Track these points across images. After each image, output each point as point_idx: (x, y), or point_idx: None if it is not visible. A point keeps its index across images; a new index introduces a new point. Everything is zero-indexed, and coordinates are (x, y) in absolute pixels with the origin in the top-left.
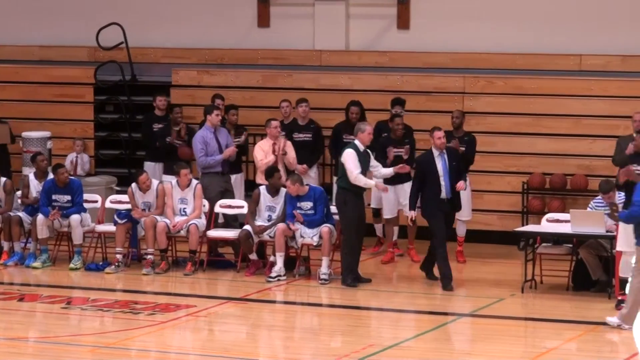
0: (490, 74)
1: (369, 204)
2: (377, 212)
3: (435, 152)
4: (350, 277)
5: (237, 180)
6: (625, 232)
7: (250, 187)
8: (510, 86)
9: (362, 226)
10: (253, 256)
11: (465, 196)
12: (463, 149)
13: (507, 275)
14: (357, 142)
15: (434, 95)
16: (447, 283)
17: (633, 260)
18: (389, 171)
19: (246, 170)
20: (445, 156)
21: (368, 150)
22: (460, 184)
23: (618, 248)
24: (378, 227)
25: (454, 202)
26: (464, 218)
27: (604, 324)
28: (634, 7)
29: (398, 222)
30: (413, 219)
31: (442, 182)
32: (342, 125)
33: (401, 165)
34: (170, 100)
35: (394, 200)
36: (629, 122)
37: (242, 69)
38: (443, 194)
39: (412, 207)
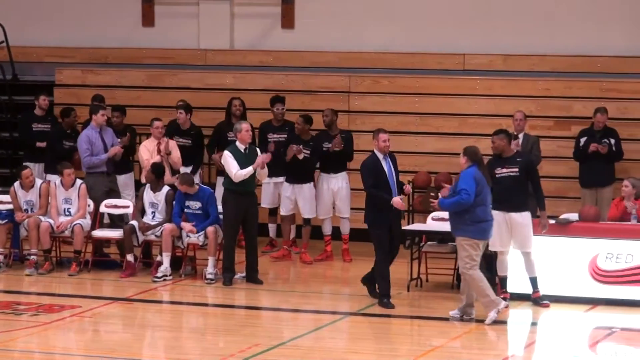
0: (376, 73)
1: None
2: (273, 212)
3: (380, 155)
4: (227, 276)
5: (125, 180)
6: (496, 232)
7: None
8: (396, 85)
9: (251, 225)
10: (130, 257)
11: (344, 194)
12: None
13: (393, 274)
14: (237, 142)
15: (319, 94)
16: (386, 302)
17: (507, 258)
18: (248, 170)
19: (139, 171)
20: (389, 160)
21: (256, 148)
22: (407, 187)
23: (490, 248)
24: (272, 228)
25: (400, 210)
26: (345, 215)
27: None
28: (515, 7)
29: (294, 221)
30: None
31: (391, 186)
32: (223, 124)
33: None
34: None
35: (290, 199)
36: (510, 121)
37: (127, 68)
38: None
39: (383, 197)
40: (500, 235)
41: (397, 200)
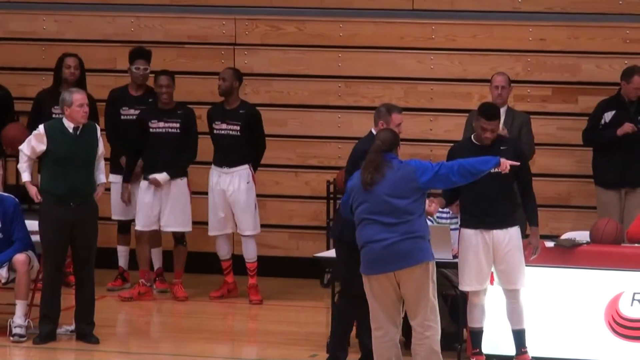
0: (276, 15)
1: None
2: (124, 228)
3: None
4: (45, 329)
5: None
6: (470, 261)
7: None
8: (307, 34)
9: (83, 252)
10: None
11: (243, 199)
12: (237, 128)
13: (305, 326)
14: (64, 119)
15: (190, 47)
16: None
17: (484, 301)
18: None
19: None
20: None
21: (96, 128)
22: None
23: (462, 287)
24: (122, 252)
25: None
26: (247, 232)
27: None
28: None
29: (160, 242)
30: None
31: None
32: (46, 93)
33: None
34: None
35: (150, 205)
36: (486, 89)
37: None
38: None
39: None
40: (478, 267)
41: None
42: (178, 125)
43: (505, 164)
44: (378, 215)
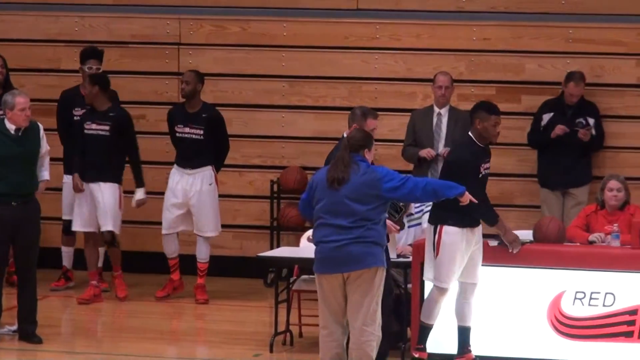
0: (221, 15)
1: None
2: (69, 229)
3: None
4: None
5: None
6: (457, 258)
7: None
8: (251, 33)
9: (25, 251)
10: None
11: (204, 200)
12: (201, 132)
13: (248, 325)
14: (6, 120)
15: (134, 47)
16: None
17: (443, 300)
18: None
19: None
20: None
21: (39, 128)
22: None
23: (446, 284)
24: (66, 252)
25: None
26: (206, 233)
27: None
28: None
29: (99, 242)
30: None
31: None
32: None
33: None
34: None
35: (83, 206)
36: (430, 88)
37: None
38: None
39: None
40: (461, 264)
41: None
42: (108, 127)
43: (467, 198)
44: (333, 217)
